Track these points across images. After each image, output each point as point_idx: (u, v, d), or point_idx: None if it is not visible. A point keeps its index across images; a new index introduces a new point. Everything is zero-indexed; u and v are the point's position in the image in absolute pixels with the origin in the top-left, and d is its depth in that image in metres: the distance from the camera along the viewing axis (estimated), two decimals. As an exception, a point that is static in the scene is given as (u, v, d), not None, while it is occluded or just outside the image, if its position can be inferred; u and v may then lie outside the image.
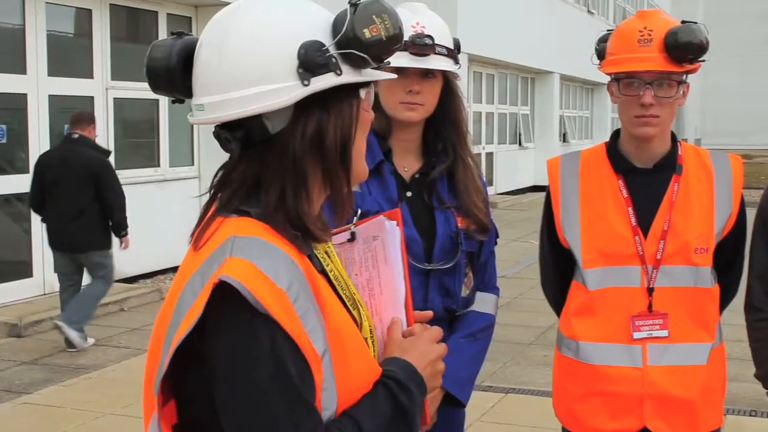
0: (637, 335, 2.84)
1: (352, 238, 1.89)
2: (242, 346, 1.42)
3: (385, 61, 1.62)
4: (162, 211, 11.08)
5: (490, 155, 23.15)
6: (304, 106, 1.54)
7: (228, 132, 1.56)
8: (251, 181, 1.57)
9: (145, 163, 11.47)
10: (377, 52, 1.57)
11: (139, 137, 11.69)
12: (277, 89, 1.52)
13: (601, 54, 2.94)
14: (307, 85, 1.52)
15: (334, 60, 1.53)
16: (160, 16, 11.37)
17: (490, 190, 22.04)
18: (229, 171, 1.61)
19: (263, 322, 1.41)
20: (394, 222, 1.89)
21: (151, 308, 9.64)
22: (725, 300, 3.02)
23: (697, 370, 2.86)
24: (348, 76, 1.55)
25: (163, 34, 11.25)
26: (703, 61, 2.81)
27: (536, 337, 8.33)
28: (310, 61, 1.52)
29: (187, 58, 1.60)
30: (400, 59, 2.63)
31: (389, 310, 1.80)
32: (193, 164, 12.08)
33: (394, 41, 1.58)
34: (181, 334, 1.43)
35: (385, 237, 1.88)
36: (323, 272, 1.63)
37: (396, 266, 1.85)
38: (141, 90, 10.97)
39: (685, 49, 2.73)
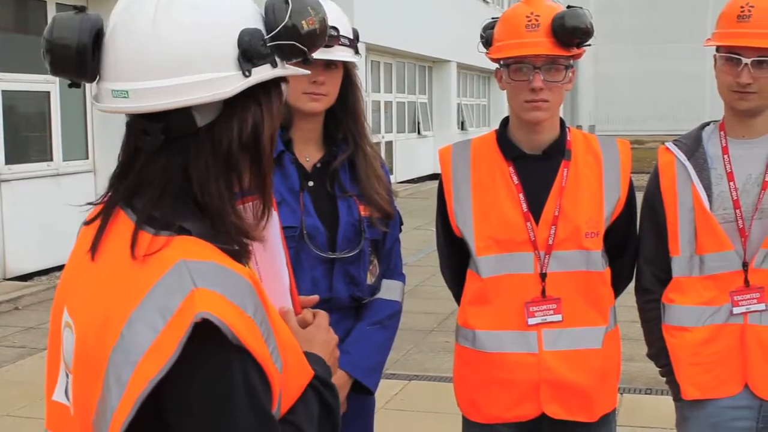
0: (531, 321, 2.87)
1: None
2: (221, 385, 1.34)
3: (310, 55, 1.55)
4: (56, 207, 10.79)
5: (389, 144, 23.21)
6: (236, 98, 1.44)
7: (148, 123, 1.44)
8: (175, 180, 1.44)
9: (38, 157, 11.16)
10: (312, 44, 1.51)
11: (30, 131, 11.36)
12: (216, 78, 1.42)
13: (488, 41, 2.96)
14: (248, 76, 1.44)
15: (271, 51, 1.47)
16: (49, 6, 11.05)
17: (390, 179, 22.20)
18: (139, 168, 1.47)
19: (238, 355, 1.34)
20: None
21: (47, 306, 9.40)
22: (621, 283, 3.08)
23: (591, 354, 2.91)
24: (282, 69, 1.49)
25: (52, 24, 10.95)
26: (589, 45, 2.85)
27: (438, 324, 8.40)
28: (253, 50, 1.44)
29: (96, 38, 1.46)
30: None
31: (273, 298, 1.74)
32: (87, 158, 11.80)
33: (323, 33, 1.53)
34: (150, 376, 1.31)
35: None
36: None
37: (277, 252, 1.80)
38: (30, 82, 10.68)
39: (572, 33, 2.77)
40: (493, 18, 3.04)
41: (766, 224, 2.86)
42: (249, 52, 1.43)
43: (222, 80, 1.42)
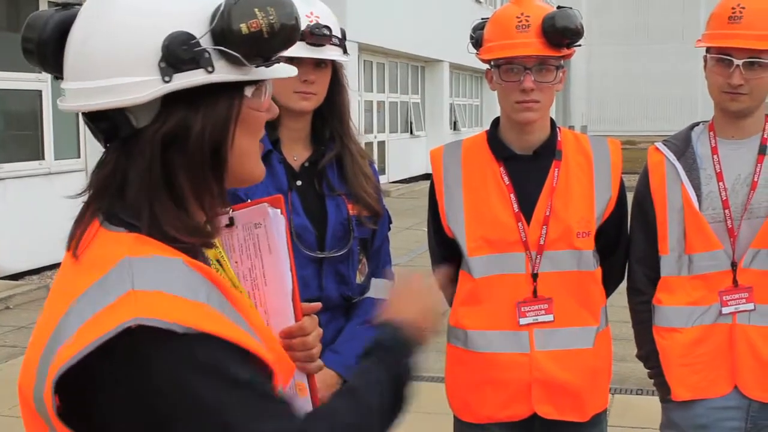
0: (523, 321, 2.88)
1: (231, 223, 1.79)
2: (186, 378, 1.29)
3: (276, 57, 1.46)
4: (48, 206, 10.77)
5: (381, 144, 23.21)
6: (169, 102, 1.39)
7: (93, 123, 1.43)
8: (118, 179, 1.43)
9: (29, 155, 11.14)
10: (256, 49, 1.41)
11: (22, 129, 11.34)
12: (134, 83, 1.37)
13: (478, 42, 2.96)
14: (167, 82, 1.37)
15: (207, 55, 1.38)
16: (41, 4, 11.04)
17: (383, 179, 22.06)
18: (98, 166, 1.47)
19: (196, 342, 1.29)
20: (278, 210, 1.80)
21: (38, 305, 9.39)
22: (613, 283, 3.09)
23: (583, 354, 2.92)
24: (223, 73, 1.40)
25: (45, 23, 10.93)
26: (579, 45, 2.86)
27: (430, 324, 8.40)
28: (173, 54, 1.37)
29: (63, 33, 1.44)
30: (295, 49, 2.61)
31: (275, 302, 1.74)
32: (79, 156, 11.78)
33: (279, 37, 1.41)
34: (60, 363, 1.28)
35: (269, 225, 1.78)
36: None
37: (281, 256, 1.77)
38: (23, 81, 10.66)
39: (562, 34, 2.78)
40: (482, 18, 3.04)
41: (755, 224, 2.87)
42: (169, 57, 1.37)
43: (139, 85, 1.38)
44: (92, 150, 11.55)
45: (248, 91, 1.48)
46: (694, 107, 48.35)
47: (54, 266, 10.90)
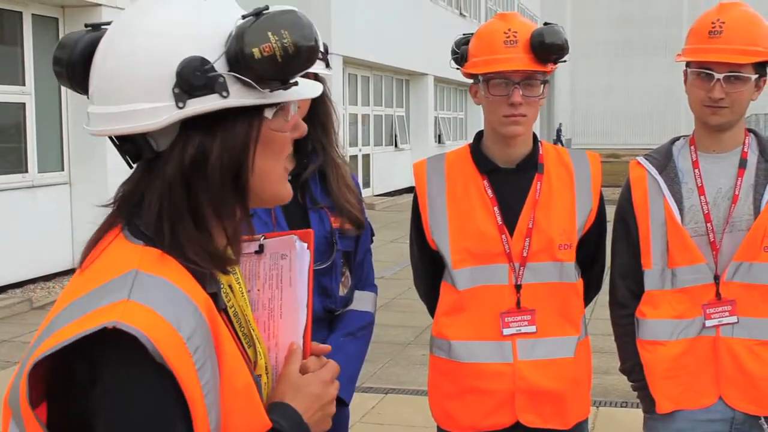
0: (506, 331, 2.90)
1: (260, 250, 1.76)
2: (131, 400, 1.30)
3: (294, 79, 1.43)
4: (31, 219, 10.76)
5: (366, 157, 23.25)
6: (189, 126, 1.39)
7: (118, 145, 1.44)
8: (140, 198, 1.43)
9: (13, 168, 11.08)
10: (271, 73, 1.39)
11: (5, 142, 11.30)
12: (150, 109, 1.37)
13: (462, 57, 2.99)
14: (181, 108, 1.37)
15: (221, 80, 1.37)
16: (25, 17, 11.01)
17: (367, 192, 22.17)
18: (126, 184, 1.48)
19: (157, 373, 1.29)
20: (305, 244, 1.76)
21: (20, 319, 9.34)
22: (590, 294, 3.11)
23: (565, 363, 2.95)
24: (238, 98, 1.39)
25: (28, 35, 10.90)
26: (564, 61, 2.90)
27: (415, 337, 8.41)
28: (185, 81, 1.36)
29: (92, 54, 1.44)
30: None
31: (287, 336, 1.69)
32: (63, 170, 11.72)
33: (296, 60, 1.39)
34: (37, 354, 1.31)
35: (294, 258, 1.74)
36: (224, 310, 1.50)
37: (300, 291, 1.73)
38: (7, 93, 10.62)
39: (550, 50, 2.82)
40: (464, 34, 3.06)
41: (737, 237, 2.89)
42: (182, 83, 1.36)
43: (154, 111, 1.38)
44: (76, 163, 11.52)
45: (269, 113, 1.46)
46: (677, 121, 48.69)
47: (36, 280, 10.86)
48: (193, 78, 1.36)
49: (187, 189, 1.41)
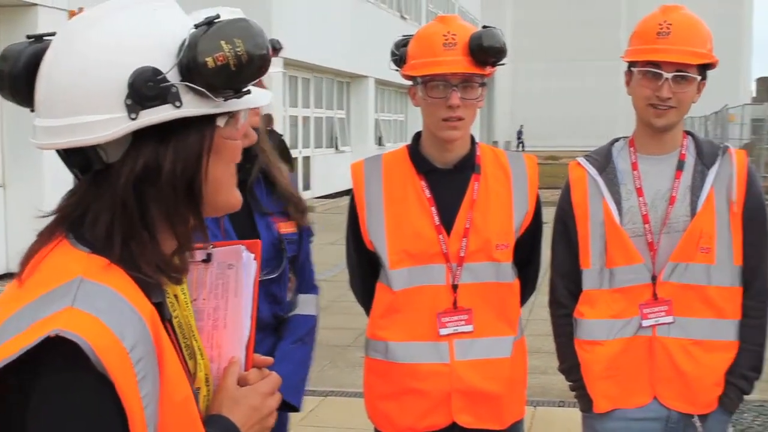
0: (443, 331, 2.91)
1: (208, 259, 1.73)
2: (68, 408, 1.28)
3: (247, 87, 1.42)
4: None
5: (306, 159, 23.19)
6: (141, 137, 1.36)
7: (65, 156, 1.41)
8: (85, 209, 1.41)
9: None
10: (225, 82, 1.38)
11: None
12: (100, 121, 1.35)
13: (402, 59, 2.99)
14: (134, 119, 1.34)
15: (174, 90, 1.36)
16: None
17: (307, 194, 22.11)
18: (70, 194, 1.44)
19: (97, 382, 1.27)
20: (252, 255, 1.74)
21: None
22: (525, 294, 3.12)
23: (501, 363, 2.96)
24: (192, 107, 1.38)
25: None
26: (503, 64, 2.91)
27: (354, 339, 8.40)
28: (137, 92, 1.34)
29: (35, 66, 1.41)
30: None
31: (230, 347, 1.67)
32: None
33: (248, 68, 1.38)
34: None
35: (240, 268, 1.72)
36: (169, 321, 1.48)
37: (245, 302, 1.71)
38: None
39: (488, 53, 2.83)
40: (404, 36, 3.06)
41: (674, 238, 2.92)
42: (134, 94, 1.34)
43: (105, 123, 1.35)
44: (11, 166, 11.27)
45: (221, 121, 1.45)
46: (614, 124, 49.29)
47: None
48: (145, 89, 1.34)
49: (140, 200, 1.39)
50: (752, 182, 2.95)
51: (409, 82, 2.99)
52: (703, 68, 2.91)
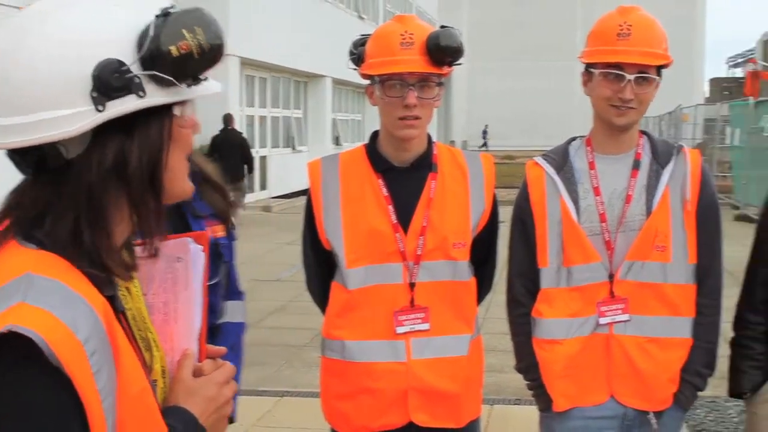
0: (400, 330, 2.91)
1: (154, 254, 1.70)
2: (25, 404, 1.26)
3: (204, 75, 1.45)
4: None
5: (263, 159, 23.10)
6: (103, 130, 1.36)
7: (18, 156, 1.39)
8: (43, 208, 1.39)
9: None
10: (186, 70, 1.40)
11: None
12: (66, 116, 1.33)
13: (360, 58, 2.98)
14: (101, 111, 1.34)
15: (137, 80, 1.36)
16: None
17: (264, 194, 22.06)
18: (20, 194, 1.42)
19: (52, 377, 1.26)
20: (200, 247, 1.74)
21: None
22: (481, 293, 3.13)
23: (458, 362, 2.97)
24: (154, 97, 1.39)
25: None
26: (460, 64, 2.91)
27: (311, 339, 8.37)
28: (105, 83, 1.34)
29: None
30: None
31: (183, 340, 1.67)
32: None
33: (207, 57, 1.41)
34: None
35: (189, 261, 1.72)
36: (122, 313, 1.48)
37: (195, 294, 1.72)
38: None
39: (445, 52, 2.83)
40: (362, 35, 3.06)
41: (630, 237, 2.94)
42: (101, 86, 1.34)
43: (71, 117, 1.34)
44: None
45: (177, 110, 1.46)
46: (570, 123, 49.64)
47: None
48: (112, 80, 1.35)
49: (105, 194, 1.39)
50: (706, 181, 2.98)
51: (367, 82, 2.99)
52: (659, 68, 2.93)
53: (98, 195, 1.38)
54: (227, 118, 17.13)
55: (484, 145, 57.98)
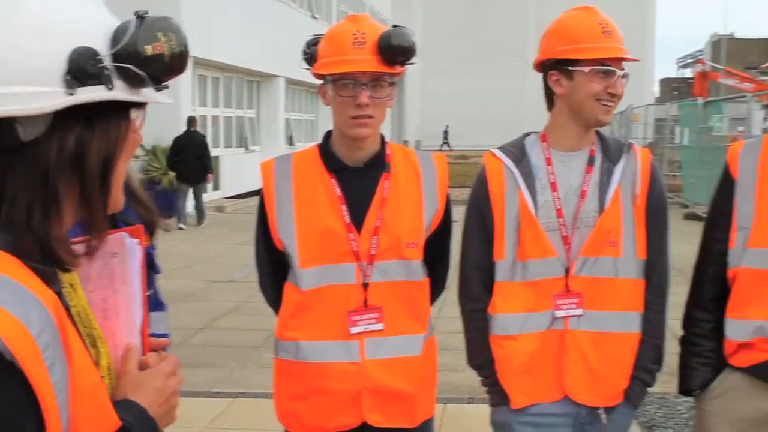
0: (354, 330, 2.91)
1: (90, 251, 1.67)
2: None
3: (166, 82, 1.48)
4: None
5: (216, 159, 22.93)
6: (64, 116, 1.37)
7: None
8: None
9: None
10: (156, 71, 1.44)
11: None
12: (37, 93, 1.34)
13: (312, 57, 2.98)
14: (71, 95, 1.36)
15: (107, 72, 1.39)
16: None
17: (217, 194, 21.93)
18: None
19: (6, 372, 1.25)
20: (136, 240, 1.74)
21: None
22: (434, 293, 3.13)
23: (412, 361, 2.97)
24: (121, 92, 1.41)
25: None
26: (412, 63, 2.92)
27: (264, 340, 8.34)
28: (81, 68, 1.36)
29: None
30: None
31: (125, 335, 1.67)
32: None
33: (176, 62, 1.46)
34: None
35: (125, 255, 1.72)
36: (67, 308, 1.46)
37: (134, 288, 1.72)
38: None
39: (397, 52, 2.84)
40: (315, 35, 3.05)
41: (584, 233, 2.96)
42: (76, 70, 1.36)
43: (41, 95, 1.35)
44: None
45: (134, 115, 1.49)
46: (523, 124, 49.96)
47: None
48: (88, 66, 1.37)
49: (59, 182, 1.39)
50: (655, 178, 3.02)
51: (320, 81, 2.98)
52: None
53: (53, 181, 1.39)
54: (190, 120, 17.58)
55: (446, 144, 58.18)
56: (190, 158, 17.15)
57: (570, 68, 2.94)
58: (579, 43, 2.94)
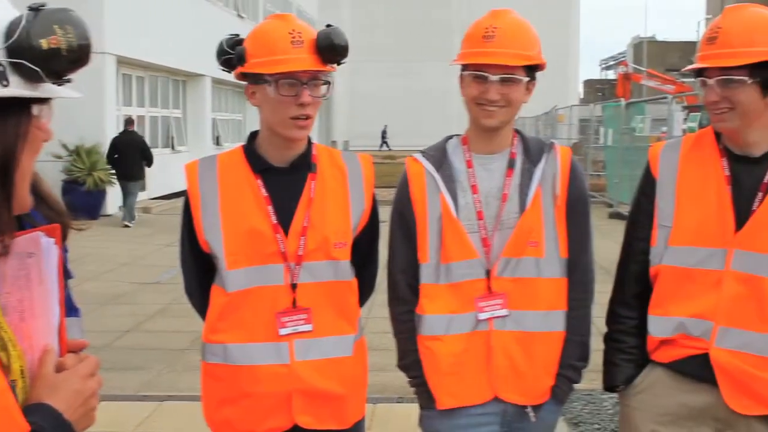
0: (283, 331, 2.89)
1: (4, 252, 1.65)
2: None
3: (67, 76, 1.44)
4: None
5: (142, 159, 22.67)
6: None
7: None
8: None
9: None
10: (54, 66, 1.40)
11: None
12: None
13: (240, 57, 2.92)
14: None
15: (1, 69, 1.36)
16: None
17: (143, 195, 21.65)
18: None
19: None
20: (52, 240, 1.70)
21: None
22: (364, 294, 3.14)
23: (343, 362, 2.97)
24: (17, 88, 1.37)
25: None
26: (345, 62, 2.92)
27: (191, 342, 8.27)
28: None
29: None
30: None
31: (42, 337, 1.63)
32: None
33: (75, 56, 1.41)
34: None
35: (41, 255, 1.67)
36: None
37: (51, 289, 1.68)
38: None
39: (335, 51, 2.84)
40: (233, 35, 3.00)
41: (506, 234, 2.99)
42: None
43: None
44: None
45: (35, 110, 1.44)
46: (450, 124, 50.24)
47: None
48: None
49: None
50: (575, 176, 3.06)
51: (244, 82, 2.96)
52: (532, 70, 3.00)
53: None
54: (128, 121, 18.26)
55: (385, 144, 58.19)
56: (126, 158, 17.57)
57: (462, 72, 3.01)
58: (463, 48, 3.02)
